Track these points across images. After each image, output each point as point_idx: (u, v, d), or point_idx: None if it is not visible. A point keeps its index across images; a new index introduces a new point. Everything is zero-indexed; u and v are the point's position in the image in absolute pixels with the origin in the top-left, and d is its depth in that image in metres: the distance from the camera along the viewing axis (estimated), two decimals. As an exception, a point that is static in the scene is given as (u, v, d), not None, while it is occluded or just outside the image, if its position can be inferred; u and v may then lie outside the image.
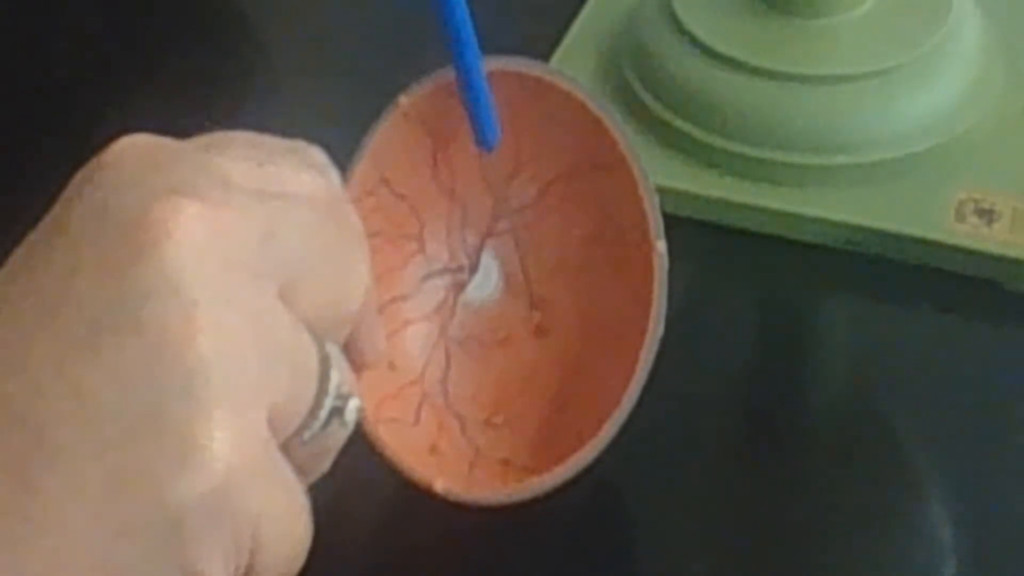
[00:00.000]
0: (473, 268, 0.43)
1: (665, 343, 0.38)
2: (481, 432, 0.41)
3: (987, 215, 0.47)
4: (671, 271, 0.38)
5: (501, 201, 0.42)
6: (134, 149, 0.26)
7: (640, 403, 0.37)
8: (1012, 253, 0.45)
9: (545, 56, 0.55)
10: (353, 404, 0.28)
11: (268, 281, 0.26)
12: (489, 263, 0.43)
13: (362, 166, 0.39)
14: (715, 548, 0.40)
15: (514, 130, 0.40)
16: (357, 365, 0.31)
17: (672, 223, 0.39)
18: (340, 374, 0.28)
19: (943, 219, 0.47)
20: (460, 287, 0.43)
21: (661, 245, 0.39)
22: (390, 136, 0.40)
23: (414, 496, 0.38)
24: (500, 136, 0.39)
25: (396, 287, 0.42)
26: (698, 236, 0.48)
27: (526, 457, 0.40)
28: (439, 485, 0.38)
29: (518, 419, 0.41)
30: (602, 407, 0.37)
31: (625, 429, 0.37)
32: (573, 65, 0.55)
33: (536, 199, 0.42)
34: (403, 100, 0.40)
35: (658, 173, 0.40)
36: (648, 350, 0.38)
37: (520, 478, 0.38)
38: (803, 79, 0.49)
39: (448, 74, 0.38)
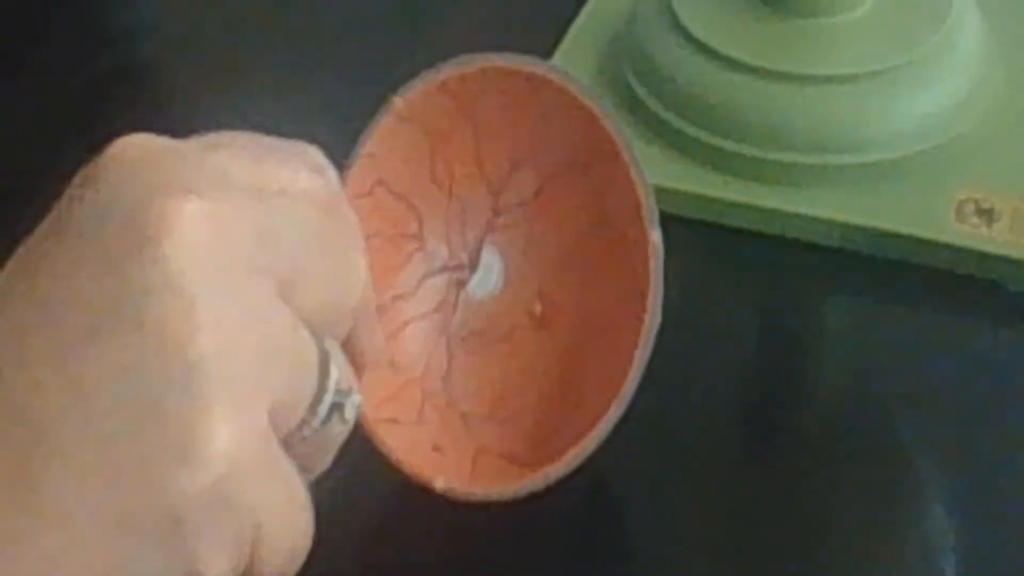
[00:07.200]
0: (473, 265, 0.43)
1: (665, 342, 0.38)
2: (484, 428, 0.41)
3: (987, 215, 0.47)
4: (671, 269, 0.38)
5: (499, 197, 0.42)
6: (133, 148, 0.26)
7: (639, 402, 0.37)
8: (1012, 253, 0.45)
9: (545, 56, 0.55)
10: (353, 400, 0.28)
11: (266, 278, 0.26)
12: (489, 259, 0.43)
13: (358, 167, 0.40)
14: (714, 547, 0.40)
15: (511, 126, 0.40)
16: (358, 364, 0.31)
17: (672, 223, 0.39)
18: (339, 370, 0.28)
19: (943, 219, 0.47)
20: (461, 284, 0.43)
21: (656, 235, 0.38)
22: (386, 136, 0.40)
23: (416, 493, 0.38)
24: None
25: (397, 286, 0.42)
26: (698, 236, 0.48)
27: (527, 452, 0.40)
28: (440, 483, 0.38)
29: (520, 414, 0.41)
30: (600, 400, 0.37)
31: (624, 428, 0.37)
32: (573, 65, 0.55)
33: (534, 194, 0.42)
34: (397, 100, 0.40)
35: (658, 173, 0.40)
36: (645, 340, 0.38)
37: (521, 473, 0.38)
38: (803, 79, 0.49)
39: (440, 72, 0.38)
